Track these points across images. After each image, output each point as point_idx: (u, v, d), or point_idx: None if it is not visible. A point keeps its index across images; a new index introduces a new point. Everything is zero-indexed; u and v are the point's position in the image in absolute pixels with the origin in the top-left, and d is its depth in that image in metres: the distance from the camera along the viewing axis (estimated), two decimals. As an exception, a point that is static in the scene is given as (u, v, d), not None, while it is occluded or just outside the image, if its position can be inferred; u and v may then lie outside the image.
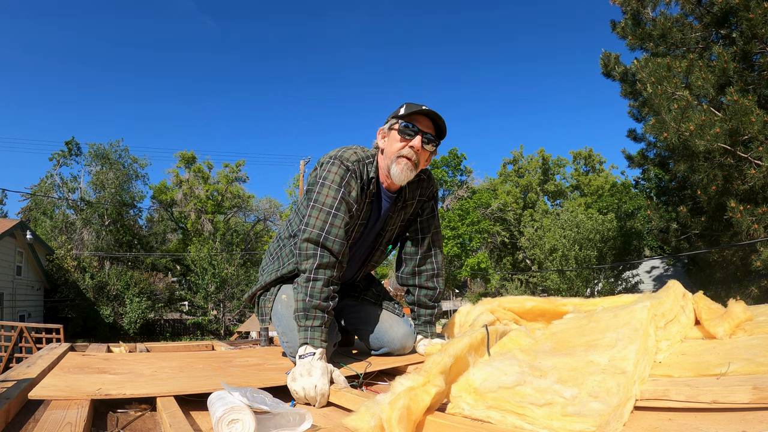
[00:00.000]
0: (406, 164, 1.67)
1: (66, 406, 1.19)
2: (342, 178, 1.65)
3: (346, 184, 1.65)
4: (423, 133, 1.68)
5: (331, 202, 1.63)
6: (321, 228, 1.60)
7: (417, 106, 1.67)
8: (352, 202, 1.66)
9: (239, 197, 31.78)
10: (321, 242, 1.59)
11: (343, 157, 1.67)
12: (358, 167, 1.68)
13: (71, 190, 27.75)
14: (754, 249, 7.30)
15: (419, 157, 1.69)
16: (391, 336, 1.88)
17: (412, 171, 1.69)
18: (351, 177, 1.66)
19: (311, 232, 1.60)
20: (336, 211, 1.62)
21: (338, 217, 1.62)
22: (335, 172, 1.65)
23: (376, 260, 1.98)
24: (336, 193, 1.63)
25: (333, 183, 1.64)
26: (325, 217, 1.61)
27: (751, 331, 1.35)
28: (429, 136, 1.69)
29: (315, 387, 1.34)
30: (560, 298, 1.89)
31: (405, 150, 1.66)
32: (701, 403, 0.94)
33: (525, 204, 31.71)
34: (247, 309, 23.65)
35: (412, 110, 1.66)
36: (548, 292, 19.80)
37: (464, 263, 26.89)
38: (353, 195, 1.66)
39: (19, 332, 6.12)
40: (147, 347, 2.68)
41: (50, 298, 19.85)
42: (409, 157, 1.67)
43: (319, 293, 1.56)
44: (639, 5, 8.72)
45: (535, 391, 0.96)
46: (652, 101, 6.96)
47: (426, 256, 1.97)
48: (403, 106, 1.72)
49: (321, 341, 1.53)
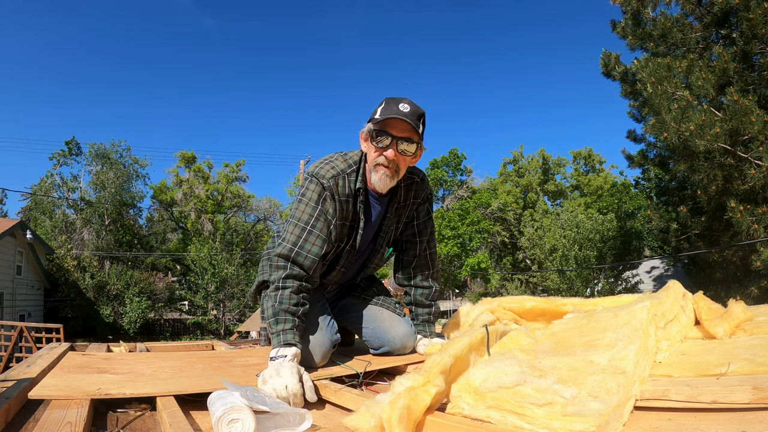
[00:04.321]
0: (384, 172, 1.65)
1: (66, 405, 1.19)
2: (319, 195, 1.66)
3: (323, 201, 1.66)
4: (398, 139, 1.62)
5: (306, 219, 1.65)
6: (294, 243, 1.63)
7: (394, 105, 1.61)
8: (330, 218, 1.67)
9: (239, 197, 31.78)
10: (292, 257, 1.62)
11: (319, 175, 1.67)
12: (335, 182, 1.67)
13: (71, 189, 27.76)
14: (754, 249, 7.30)
15: (398, 163, 1.66)
16: (392, 335, 1.88)
17: (392, 178, 1.67)
18: (326, 193, 1.66)
19: (284, 246, 1.63)
20: (311, 228, 1.64)
21: (313, 234, 1.64)
22: (312, 189, 1.67)
23: (376, 263, 1.99)
24: (312, 210, 1.65)
25: (310, 201, 1.66)
26: (299, 232, 1.64)
27: (751, 331, 1.35)
28: (404, 141, 1.63)
29: (285, 387, 1.32)
30: (560, 298, 1.89)
31: (380, 159, 1.64)
32: (701, 403, 0.94)
33: (525, 204, 31.71)
34: (248, 309, 23.65)
35: (385, 115, 1.60)
36: (548, 292, 19.80)
37: (464, 263, 26.88)
38: (330, 212, 1.67)
39: (19, 332, 6.13)
40: (147, 347, 2.67)
41: (50, 297, 19.86)
42: (386, 165, 1.64)
43: (288, 299, 1.57)
44: (639, 5, 8.72)
45: (535, 391, 0.96)
46: (652, 101, 6.95)
47: (422, 258, 1.97)
48: (381, 105, 1.66)
49: (291, 344, 1.51)
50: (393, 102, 1.63)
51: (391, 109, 1.60)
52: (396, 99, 1.64)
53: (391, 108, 1.61)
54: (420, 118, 1.64)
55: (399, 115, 1.58)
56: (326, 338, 1.70)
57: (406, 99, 1.63)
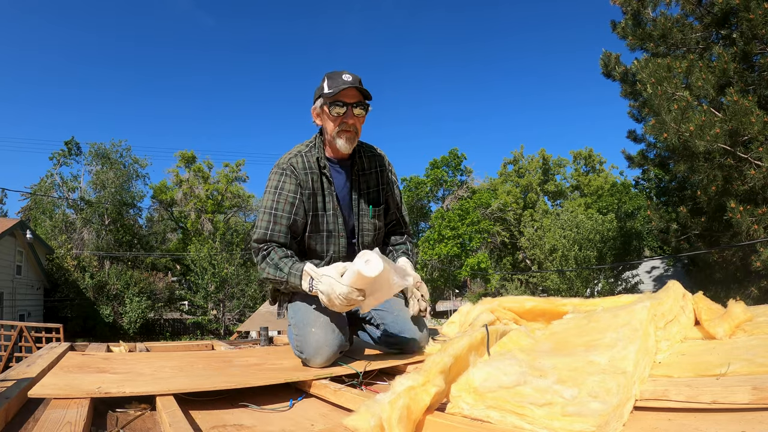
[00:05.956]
0: (348, 136, 1.90)
1: (66, 405, 1.19)
2: (278, 181, 1.89)
3: (281, 183, 1.89)
4: (352, 105, 1.86)
5: (271, 204, 1.87)
6: (266, 228, 1.86)
7: (338, 78, 1.83)
8: (293, 195, 1.89)
9: (239, 197, 31.80)
10: (267, 239, 1.86)
11: (277, 164, 1.93)
12: (292, 163, 1.91)
13: (71, 189, 27.78)
14: (754, 249, 7.30)
15: (356, 125, 1.90)
16: (414, 327, 1.92)
17: (355, 138, 1.93)
18: (285, 175, 1.89)
19: (258, 232, 1.87)
20: (275, 210, 1.87)
21: (277, 215, 1.86)
22: (273, 178, 1.92)
23: (366, 226, 2.05)
24: (274, 195, 1.88)
25: (270, 188, 1.91)
26: (268, 218, 1.87)
27: (750, 332, 1.35)
28: (357, 105, 1.88)
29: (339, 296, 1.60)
30: (560, 299, 1.89)
31: (342, 125, 1.88)
32: (701, 403, 0.94)
33: (525, 204, 31.71)
34: (247, 309, 23.66)
35: (337, 88, 1.82)
36: (548, 292, 19.81)
37: (464, 263, 26.88)
38: (291, 188, 1.89)
39: (18, 331, 6.12)
40: (147, 347, 2.67)
41: (50, 297, 19.86)
42: (348, 129, 1.89)
43: (275, 255, 1.82)
44: (639, 5, 8.72)
45: (535, 391, 0.96)
46: (653, 102, 6.96)
47: (397, 221, 2.20)
48: (324, 81, 1.88)
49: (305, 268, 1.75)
50: (336, 75, 1.86)
51: (338, 81, 1.83)
52: (337, 72, 1.87)
53: (337, 81, 1.84)
54: (360, 82, 1.89)
55: (347, 84, 1.82)
56: (335, 340, 1.71)
57: (345, 71, 1.87)
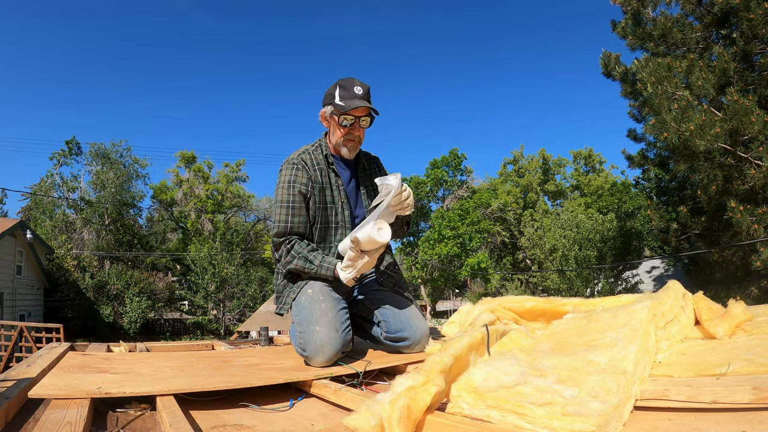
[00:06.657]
0: (352, 145, 2.02)
1: (66, 405, 1.19)
2: (291, 175, 1.95)
3: (294, 177, 1.95)
4: (360, 118, 1.96)
5: (286, 198, 1.93)
6: (285, 221, 1.92)
7: (350, 89, 1.90)
8: (305, 186, 1.95)
9: (239, 197, 31.78)
10: (287, 232, 1.92)
11: (288, 160, 2.00)
12: (302, 158, 1.99)
13: (71, 189, 27.76)
14: (754, 249, 7.29)
15: (361, 135, 2.02)
16: (416, 325, 1.93)
17: (358, 146, 2.05)
18: (297, 169, 1.96)
19: (278, 226, 1.93)
20: (292, 203, 1.93)
21: (295, 207, 1.93)
22: (285, 173, 1.97)
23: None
24: (289, 188, 1.94)
25: (284, 183, 1.95)
26: (285, 211, 1.92)
27: (751, 332, 1.35)
28: (365, 119, 1.98)
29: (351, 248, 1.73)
30: (560, 298, 1.88)
31: (348, 135, 1.99)
32: (701, 403, 0.94)
33: (525, 204, 31.71)
34: (247, 309, 23.64)
35: (348, 103, 1.90)
36: (548, 292, 19.81)
37: (464, 263, 26.86)
38: (304, 180, 1.95)
39: (19, 332, 6.12)
40: (147, 347, 2.67)
41: (50, 297, 19.84)
42: (352, 139, 2.01)
43: (301, 248, 1.89)
44: (639, 5, 8.72)
45: (535, 391, 0.96)
46: (653, 101, 6.95)
47: None
48: (336, 89, 1.94)
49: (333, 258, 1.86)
50: (348, 85, 1.93)
51: (350, 93, 1.91)
52: (349, 82, 1.94)
53: (349, 92, 1.92)
54: (369, 92, 1.97)
55: (358, 99, 1.91)
56: (339, 339, 1.70)
57: (356, 80, 1.95)
